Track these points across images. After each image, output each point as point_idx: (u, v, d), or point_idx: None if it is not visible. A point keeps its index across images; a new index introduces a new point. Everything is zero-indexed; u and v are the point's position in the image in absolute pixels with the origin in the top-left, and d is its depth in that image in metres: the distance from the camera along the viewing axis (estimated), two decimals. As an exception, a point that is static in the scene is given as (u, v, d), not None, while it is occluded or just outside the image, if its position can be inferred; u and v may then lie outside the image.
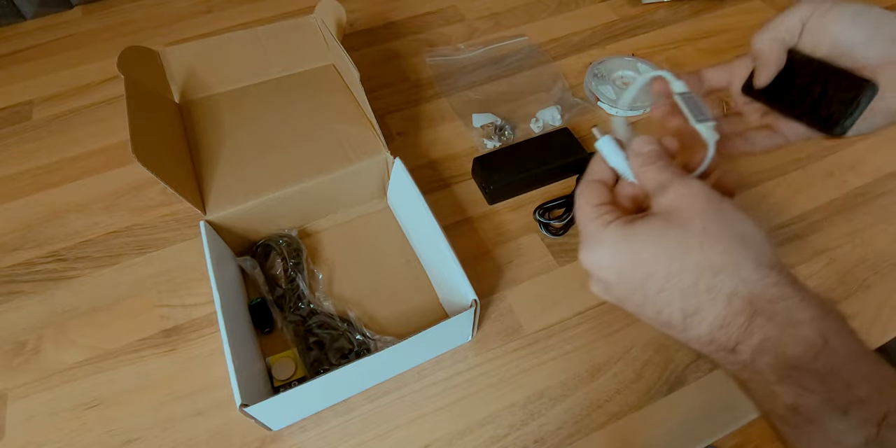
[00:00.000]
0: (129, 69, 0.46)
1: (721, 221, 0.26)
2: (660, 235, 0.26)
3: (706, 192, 0.27)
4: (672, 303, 0.26)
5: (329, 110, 0.54)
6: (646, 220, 0.27)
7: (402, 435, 0.42)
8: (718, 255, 0.25)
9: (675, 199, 0.27)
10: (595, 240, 0.28)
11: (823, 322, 0.24)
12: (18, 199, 0.58)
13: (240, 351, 0.39)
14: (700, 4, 0.77)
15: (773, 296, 0.24)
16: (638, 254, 0.27)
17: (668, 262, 0.26)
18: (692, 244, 0.25)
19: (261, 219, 0.49)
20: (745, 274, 0.25)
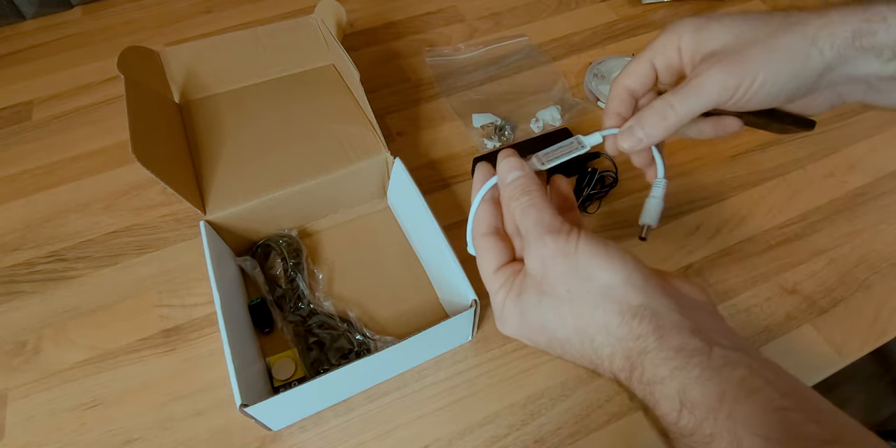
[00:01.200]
0: (129, 69, 0.46)
1: (580, 279, 0.26)
2: (538, 307, 0.28)
3: (561, 249, 0.27)
4: (577, 360, 0.28)
5: (329, 110, 0.54)
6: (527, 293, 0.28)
7: (402, 435, 0.42)
8: (588, 318, 0.26)
9: (538, 261, 0.28)
10: (498, 315, 0.30)
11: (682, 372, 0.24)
12: (18, 199, 0.58)
13: (240, 351, 0.39)
14: (700, 4, 0.77)
15: (640, 349, 0.25)
16: (532, 325, 0.28)
17: (555, 332, 0.28)
18: (564, 312, 0.27)
19: (261, 219, 0.49)
20: (614, 332, 0.26)
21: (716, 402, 0.23)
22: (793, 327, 0.47)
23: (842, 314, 0.48)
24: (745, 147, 0.60)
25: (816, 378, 0.45)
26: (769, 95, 0.28)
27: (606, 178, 0.57)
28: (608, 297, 0.26)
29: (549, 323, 0.28)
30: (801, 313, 0.48)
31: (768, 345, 0.46)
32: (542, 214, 0.28)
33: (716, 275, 0.50)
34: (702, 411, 0.23)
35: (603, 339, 0.26)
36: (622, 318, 0.25)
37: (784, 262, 0.51)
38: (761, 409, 0.22)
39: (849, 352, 0.45)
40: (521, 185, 0.30)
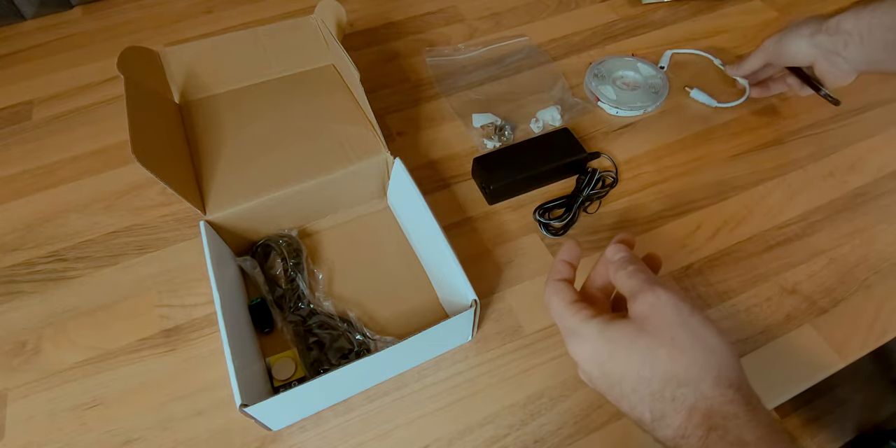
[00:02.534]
0: (129, 69, 0.46)
1: (689, 334, 0.28)
2: (633, 341, 0.29)
3: (675, 303, 0.29)
4: (643, 403, 0.28)
5: (329, 110, 0.54)
6: (623, 324, 0.30)
7: (402, 435, 0.42)
8: (683, 367, 0.27)
9: (647, 307, 0.29)
10: (578, 334, 0.31)
11: (768, 443, 0.26)
12: (18, 199, 0.58)
13: (240, 351, 0.39)
14: (700, 4, 0.77)
15: (727, 413, 0.26)
16: (614, 354, 0.29)
17: (640, 367, 0.28)
18: (661, 354, 0.28)
19: (261, 219, 0.49)
20: (705, 389, 0.27)
21: None
22: (793, 327, 0.47)
23: (842, 314, 0.48)
24: (745, 147, 0.60)
25: (816, 378, 0.45)
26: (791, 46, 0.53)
27: (606, 178, 0.57)
28: (710, 360, 0.28)
29: (637, 358, 0.28)
30: (801, 313, 0.48)
31: (768, 345, 0.46)
32: (650, 277, 0.31)
33: (716, 275, 0.50)
34: None
35: (690, 391, 0.27)
36: (718, 381, 0.27)
37: (784, 262, 0.51)
38: None
39: (849, 352, 0.45)
40: (628, 258, 0.33)
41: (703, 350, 0.28)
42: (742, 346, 0.46)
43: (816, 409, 1.11)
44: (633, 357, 0.29)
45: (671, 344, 0.28)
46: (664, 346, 0.28)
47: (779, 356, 0.45)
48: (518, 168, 0.54)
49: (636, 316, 0.30)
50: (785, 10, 0.76)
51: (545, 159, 0.55)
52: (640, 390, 0.28)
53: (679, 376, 0.27)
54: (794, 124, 0.62)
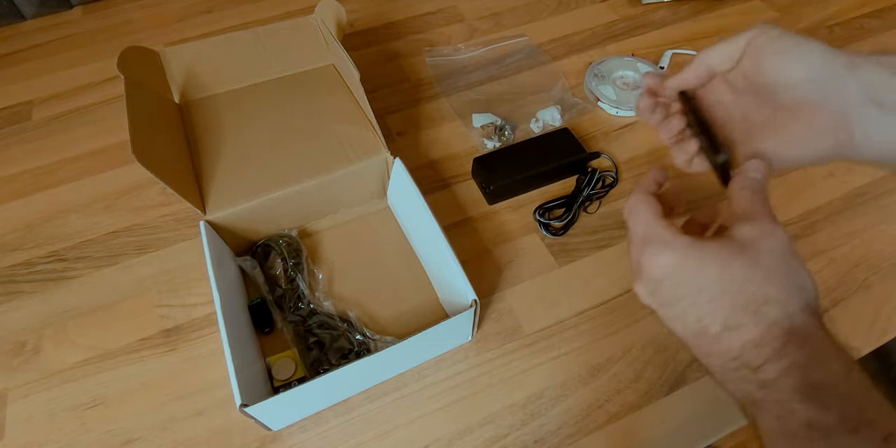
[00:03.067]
0: (129, 69, 0.46)
1: (788, 267, 0.28)
2: (729, 259, 0.28)
3: (786, 242, 0.29)
4: (717, 313, 0.28)
5: (329, 110, 0.54)
6: (722, 241, 0.29)
7: (402, 435, 0.42)
8: (775, 289, 0.27)
9: (759, 234, 0.28)
10: (663, 241, 0.29)
11: (846, 360, 0.26)
12: (18, 199, 0.58)
13: (240, 351, 0.39)
14: (700, 4, 0.77)
15: (808, 332, 0.27)
16: (703, 266, 0.28)
17: (729, 284, 0.28)
18: (756, 276, 0.27)
19: (261, 219, 0.49)
20: (791, 310, 0.27)
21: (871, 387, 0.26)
22: (793, 327, 0.47)
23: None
24: (745, 147, 0.60)
25: (816, 378, 0.44)
26: (779, 51, 0.31)
27: (606, 178, 0.57)
28: (802, 290, 0.28)
29: (726, 275, 0.28)
30: (801, 313, 0.48)
31: (768, 345, 0.46)
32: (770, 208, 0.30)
33: (716, 275, 0.50)
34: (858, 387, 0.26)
35: (776, 309, 0.27)
36: (804, 308, 0.27)
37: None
38: None
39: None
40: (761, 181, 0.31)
41: (797, 284, 0.28)
42: (742, 346, 0.46)
43: (816, 409, 1.11)
44: (724, 274, 0.28)
45: (768, 270, 0.27)
46: (761, 270, 0.27)
47: (779, 356, 0.45)
48: (518, 168, 0.54)
49: (741, 238, 0.28)
50: (785, 10, 0.76)
51: (545, 159, 0.55)
52: (722, 302, 0.28)
53: (769, 295, 0.27)
54: (794, 124, 0.62)
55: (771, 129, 0.33)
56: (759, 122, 0.34)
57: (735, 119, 0.36)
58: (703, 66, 0.34)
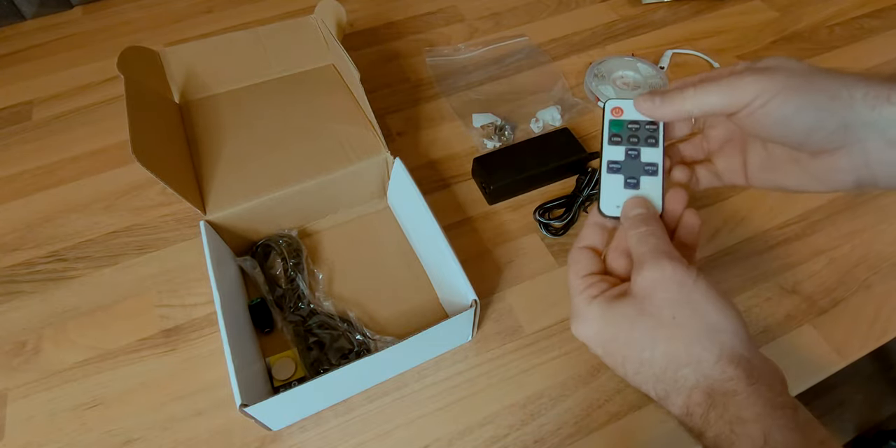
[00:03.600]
0: (129, 69, 0.46)
1: (690, 311, 0.27)
2: (633, 322, 0.28)
3: (679, 278, 0.28)
4: (647, 383, 0.28)
5: (329, 110, 0.54)
6: (624, 304, 0.29)
7: (402, 435, 0.42)
8: (684, 347, 0.27)
9: (649, 283, 0.28)
10: (580, 315, 0.30)
11: (768, 419, 0.25)
12: (18, 199, 0.58)
13: (240, 351, 0.39)
14: (700, 4, 0.77)
15: (727, 390, 0.26)
16: (616, 336, 0.29)
17: (640, 351, 0.28)
18: (661, 335, 0.27)
19: (261, 219, 0.49)
20: (706, 369, 0.27)
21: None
22: (793, 327, 0.47)
23: (842, 314, 0.48)
24: (745, 147, 0.60)
25: (816, 378, 0.45)
26: (784, 117, 0.28)
27: (606, 178, 0.57)
28: (712, 337, 0.27)
29: (637, 341, 0.28)
30: (801, 313, 0.48)
31: (768, 345, 0.46)
32: (659, 242, 0.29)
33: (716, 275, 0.50)
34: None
35: (690, 372, 0.27)
36: (719, 359, 0.27)
37: (784, 262, 0.51)
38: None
39: (849, 352, 0.45)
40: (643, 217, 0.31)
41: (706, 327, 0.27)
42: (742, 346, 0.46)
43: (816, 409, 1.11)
44: (633, 340, 0.28)
45: (671, 324, 0.27)
46: (664, 326, 0.27)
47: (779, 356, 0.45)
48: (518, 168, 0.54)
49: (637, 292, 0.28)
50: (785, 10, 0.76)
51: (545, 159, 0.55)
52: (644, 372, 0.28)
53: (680, 357, 0.27)
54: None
55: (788, 165, 0.31)
56: (773, 156, 0.32)
57: (740, 148, 0.34)
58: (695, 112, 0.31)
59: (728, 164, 0.35)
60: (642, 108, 0.32)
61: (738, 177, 0.35)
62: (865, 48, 0.70)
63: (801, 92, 0.27)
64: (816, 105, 0.27)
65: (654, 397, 0.28)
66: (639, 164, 0.33)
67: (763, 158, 0.33)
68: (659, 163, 0.33)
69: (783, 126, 0.28)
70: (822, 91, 0.27)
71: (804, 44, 0.71)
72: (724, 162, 0.35)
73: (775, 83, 0.27)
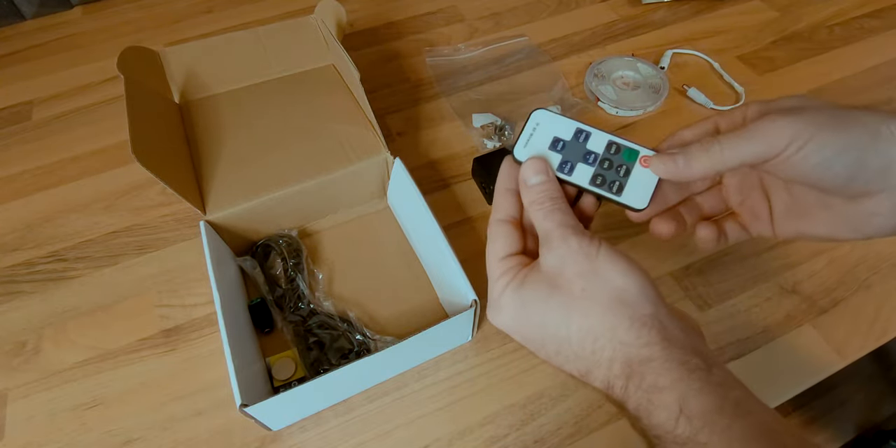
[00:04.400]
0: (129, 69, 0.46)
1: (598, 280, 0.27)
2: (546, 301, 0.27)
3: (585, 250, 0.27)
4: (569, 362, 0.28)
5: (329, 110, 0.54)
6: (534, 283, 0.28)
7: (402, 435, 0.42)
8: (597, 318, 0.26)
9: (556, 260, 0.27)
10: (495, 303, 0.29)
11: (682, 384, 0.24)
12: (18, 199, 0.58)
13: (240, 351, 0.39)
14: (700, 4, 0.77)
15: (643, 357, 0.25)
16: (531, 318, 0.28)
17: (556, 329, 0.27)
18: (574, 309, 0.27)
19: (261, 219, 0.49)
20: (621, 336, 0.26)
21: (715, 415, 0.24)
22: (793, 327, 0.47)
23: (842, 314, 0.48)
24: (745, 147, 0.60)
25: (816, 378, 0.45)
26: (824, 160, 0.26)
27: (606, 178, 0.57)
28: (622, 301, 0.26)
29: (552, 319, 0.27)
30: (801, 313, 0.48)
31: (768, 345, 0.46)
32: (565, 218, 0.28)
33: (716, 275, 0.50)
34: (699, 421, 0.24)
35: (606, 341, 0.26)
36: (632, 323, 0.26)
37: (784, 262, 0.51)
38: (757, 427, 0.23)
39: (849, 352, 0.45)
40: (546, 190, 0.30)
41: (615, 293, 0.26)
42: (742, 346, 0.46)
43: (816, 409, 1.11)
44: (548, 319, 0.27)
45: (582, 295, 0.26)
46: (576, 300, 0.27)
47: (779, 356, 0.45)
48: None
49: (546, 270, 0.28)
50: (785, 10, 0.76)
51: (545, 159, 0.55)
52: (563, 351, 0.27)
53: (594, 329, 0.26)
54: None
55: (817, 211, 0.29)
56: (800, 202, 0.30)
57: (763, 196, 0.32)
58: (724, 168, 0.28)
59: (753, 214, 0.33)
60: (661, 170, 0.30)
61: (766, 226, 0.33)
62: (865, 48, 0.70)
63: (839, 132, 0.25)
64: (859, 145, 0.25)
65: (577, 375, 0.28)
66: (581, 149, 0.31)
67: (788, 205, 0.31)
68: (600, 151, 0.31)
69: (823, 170, 0.26)
70: (861, 129, 0.25)
71: (804, 44, 0.71)
72: (749, 212, 0.33)
73: (808, 125, 0.26)
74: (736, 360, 0.45)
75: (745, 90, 0.64)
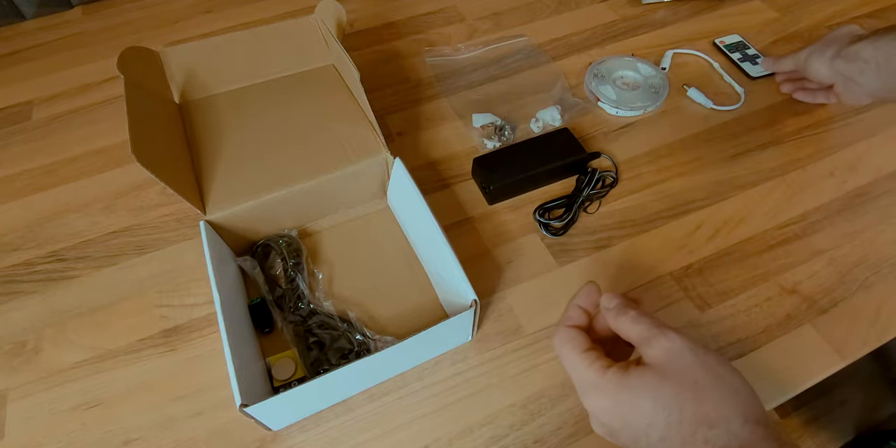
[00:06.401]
0: (129, 69, 0.46)
1: (710, 374, 0.29)
2: (656, 388, 0.29)
3: (689, 346, 0.30)
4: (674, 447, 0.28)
5: (329, 110, 0.54)
6: (642, 372, 0.29)
7: (402, 435, 0.42)
8: (712, 408, 0.28)
9: (662, 353, 0.30)
10: (596, 386, 0.31)
11: None
12: (18, 199, 0.58)
13: (240, 351, 0.39)
14: (700, 4, 0.77)
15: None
16: (638, 403, 0.29)
17: (667, 415, 0.28)
18: (687, 398, 0.28)
19: (261, 219, 0.49)
20: (735, 429, 0.27)
21: None
22: (793, 327, 0.47)
23: (842, 314, 0.48)
24: (744, 147, 0.60)
25: (816, 378, 0.45)
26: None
27: (606, 178, 0.57)
28: (736, 397, 0.28)
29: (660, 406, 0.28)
30: (801, 313, 0.48)
31: (768, 345, 0.46)
32: (654, 319, 0.31)
33: (716, 275, 0.50)
34: None
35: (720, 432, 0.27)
36: (746, 419, 0.27)
37: (784, 262, 0.51)
38: None
39: (849, 352, 0.46)
40: (625, 303, 0.33)
41: (728, 390, 0.28)
42: (742, 346, 0.46)
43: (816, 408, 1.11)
44: (658, 405, 0.28)
45: (695, 387, 0.28)
46: (689, 389, 0.28)
47: (779, 356, 0.45)
48: (518, 168, 0.54)
49: (653, 362, 0.30)
50: (785, 10, 0.76)
51: (545, 159, 0.55)
52: (671, 437, 0.28)
53: (709, 418, 0.27)
54: (794, 124, 0.62)
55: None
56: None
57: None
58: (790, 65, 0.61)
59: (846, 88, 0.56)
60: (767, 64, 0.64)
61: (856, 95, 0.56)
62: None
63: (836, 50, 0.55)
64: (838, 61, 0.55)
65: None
66: None
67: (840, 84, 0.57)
68: None
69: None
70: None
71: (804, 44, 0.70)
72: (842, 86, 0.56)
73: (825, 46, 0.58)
74: (736, 361, 0.45)
75: (745, 90, 0.65)
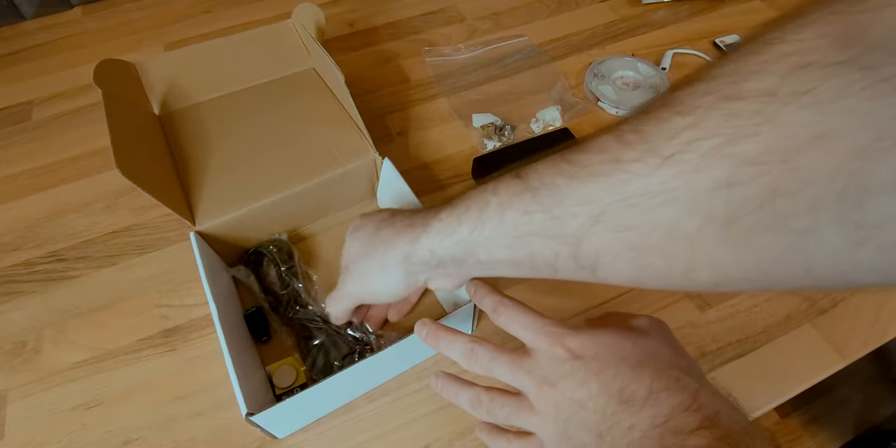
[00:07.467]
0: (107, 82, 0.45)
1: (683, 350, 0.33)
2: (638, 335, 0.32)
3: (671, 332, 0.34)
4: (642, 378, 0.29)
5: (313, 114, 0.54)
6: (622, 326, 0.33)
7: (402, 435, 0.42)
8: (685, 363, 0.31)
9: (649, 325, 0.33)
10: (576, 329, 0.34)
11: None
12: (18, 199, 0.58)
13: (241, 362, 0.38)
14: (700, 4, 0.77)
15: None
16: (616, 341, 0.31)
17: (642, 354, 0.30)
18: (666, 349, 0.31)
19: (251, 226, 0.49)
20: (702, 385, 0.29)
21: None
22: (793, 327, 0.47)
23: (842, 314, 0.48)
24: (745, 147, 0.60)
25: (816, 378, 0.44)
26: None
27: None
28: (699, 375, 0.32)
29: (639, 346, 0.31)
30: (801, 313, 0.48)
31: (768, 345, 0.46)
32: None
33: (716, 275, 0.50)
34: None
35: (696, 383, 0.29)
36: None
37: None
38: None
39: (849, 352, 0.45)
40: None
41: (693, 364, 0.31)
42: (742, 346, 0.46)
43: (816, 409, 1.11)
44: (637, 345, 0.31)
45: (673, 347, 0.32)
46: (668, 346, 0.32)
47: (779, 356, 0.45)
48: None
49: (638, 326, 0.33)
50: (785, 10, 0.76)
51: (545, 159, 0.55)
52: (644, 367, 0.29)
53: (683, 368, 0.30)
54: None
55: None
56: None
57: None
58: None
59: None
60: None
61: None
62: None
63: None
64: None
65: (644, 393, 0.28)
66: None
67: None
68: None
69: None
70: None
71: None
72: None
73: None
74: (736, 360, 0.45)
75: (745, 90, 0.64)
